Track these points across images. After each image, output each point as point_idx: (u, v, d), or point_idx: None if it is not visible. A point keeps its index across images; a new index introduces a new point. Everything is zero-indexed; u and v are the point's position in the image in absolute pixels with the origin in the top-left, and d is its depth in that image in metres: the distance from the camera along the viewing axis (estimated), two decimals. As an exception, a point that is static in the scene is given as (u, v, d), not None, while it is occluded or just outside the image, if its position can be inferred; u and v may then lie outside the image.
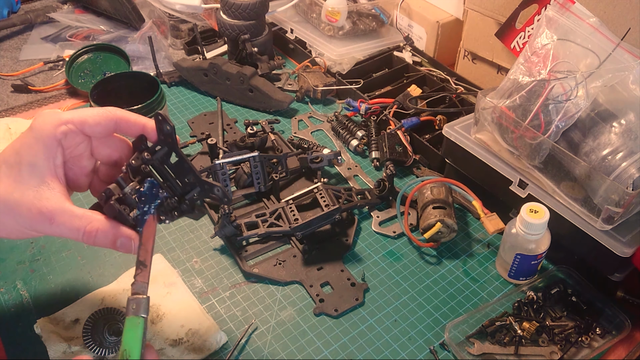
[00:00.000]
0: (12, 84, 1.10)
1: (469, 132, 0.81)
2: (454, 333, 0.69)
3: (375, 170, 0.94)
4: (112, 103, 0.91)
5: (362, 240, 0.82)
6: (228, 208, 0.76)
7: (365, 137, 0.97)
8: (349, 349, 0.69)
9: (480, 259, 0.80)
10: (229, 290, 0.75)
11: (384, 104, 0.99)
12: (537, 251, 0.72)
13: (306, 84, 1.07)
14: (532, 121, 0.70)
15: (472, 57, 1.10)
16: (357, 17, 1.16)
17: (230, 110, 1.07)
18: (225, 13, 1.10)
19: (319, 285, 0.75)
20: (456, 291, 0.76)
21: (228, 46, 1.17)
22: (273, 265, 0.77)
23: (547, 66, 0.71)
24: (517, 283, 0.76)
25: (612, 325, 0.71)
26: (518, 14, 0.94)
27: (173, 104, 1.08)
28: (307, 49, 1.18)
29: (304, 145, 0.94)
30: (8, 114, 1.05)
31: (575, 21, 0.71)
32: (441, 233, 0.79)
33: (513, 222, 0.73)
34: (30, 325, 0.68)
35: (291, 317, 0.72)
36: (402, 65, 1.11)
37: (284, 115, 1.05)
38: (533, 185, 0.74)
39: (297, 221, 0.78)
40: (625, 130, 0.67)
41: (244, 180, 0.85)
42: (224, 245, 0.80)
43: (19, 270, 0.76)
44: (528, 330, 0.68)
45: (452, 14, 1.14)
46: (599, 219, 0.67)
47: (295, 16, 1.22)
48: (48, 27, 1.28)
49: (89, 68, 1.10)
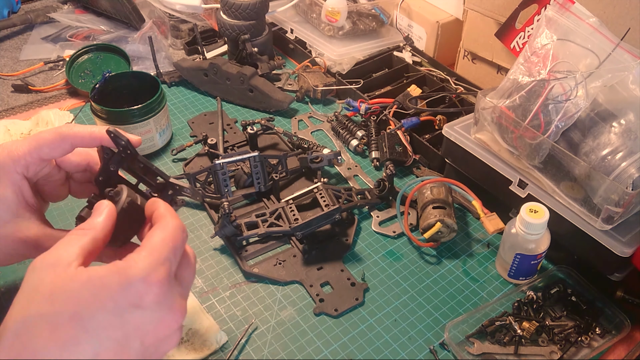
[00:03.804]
0: (13, 84, 1.10)
1: (469, 132, 0.81)
2: (453, 333, 0.69)
3: (375, 170, 0.94)
4: (112, 103, 0.91)
5: (362, 240, 0.82)
6: (228, 208, 0.76)
7: (365, 137, 0.97)
8: (349, 348, 0.69)
9: (480, 258, 0.80)
10: (229, 290, 0.75)
11: (384, 104, 0.99)
12: (536, 251, 0.72)
13: (306, 84, 1.07)
14: (532, 121, 0.70)
15: (472, 57, 1.10)
16: (357, 17, 1.16)
17: (230, 110, 1.07)
18: (225, 13, 1.10)
19: (319, 285, 0.75)
20: (456, 291, 0.76)
21: (228, 46, 1.17)
22: (273, 265, 0.77)
23: (547, 66, 0.71)
24: (517, 283, 0.76)
25: (611, 325, 0.71)
26: (518, 14, 0.94)
27: (173, 104, 1.08)
28: (307, 49, 1.18)
29: (304, 145, 0.94)
30: (8, 114, 1.05)
31: (575, 21, 0.71)
32: (441, 233, 0.79)
33: (513, 222, 0.73)
34: (30, 325, 0.68)
35: (291, 317, 0.72)
36: (402, 65, 1.12)
37: (284, 115, 1.05)
38: (533, 185, 0.74)
39: (297, 221, 0.78)
40: (624, 130, 0.67)
41: (244, 180, 0.85)
42: (224, 245, 0.80)
43: (19, 270, 0.76)
44: (528, 330, 0.68)
45: (452, 14, 1.14)
46: (599, 219, 0.67)
47: (295, 16, 1.22)
48: (48, 27, 1.28)
49: (89, 68, 1.10)
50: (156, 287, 0.45)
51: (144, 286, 0.44)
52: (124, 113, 0.89)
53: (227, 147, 0.96)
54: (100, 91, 0.93)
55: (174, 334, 0.48)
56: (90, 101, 0.92)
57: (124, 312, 0.44)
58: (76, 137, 0.57)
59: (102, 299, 0.43)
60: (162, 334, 0.47)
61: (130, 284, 0.44)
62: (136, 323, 0.44)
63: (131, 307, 0.44)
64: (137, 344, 0.45)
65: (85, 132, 0.57)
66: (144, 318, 0.45)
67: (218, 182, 0.82)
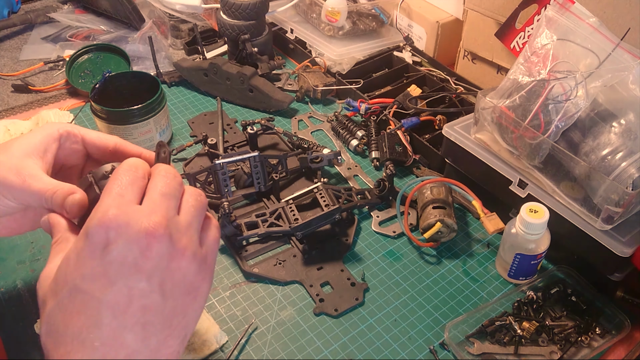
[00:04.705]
0: (13, 84, 1.10)
1: (469, 132, 0.81)
2: (453, 333, 0.69)
3: (375, 170, 0.94)
4: (112, 103, 0.91)
5: (362, 240, 0.82)
6: (228, 208, 0.76)
7: (365, 137, 0.97)
8: (349, 348, 0.69)
9: (480, 258, 0.80)
10: (229, 290, 0.75)
11: (384, 104, 0.99)
12: (536, 251, 0.72)
13: (306, 84, 1.07)
14: (532, 121, 0.70)
15: (472, 57, 1.10)
16: (357, 17, 1.16)
17: (230, 110, 1.07)
18: (225, 13, 1.10)
19: (319, 285, 0.75)
20: (456, 291, 0.76)
21: (228, 46, 1.17)
22: (273, 265, 0.77)
23: (547, 66, 0.71)
24: (517, 283, 0.76)
25: (611, 325, 0.71)
26: (518, 14, 0.94)
27: (173, 104, 1.08)
28: (307, 49, 1.18)
29: (304, 145, 0.94)
30: (8, 114, 1.05)
31: (574, 21, 0.71)
32: (441, 233, 0.79)
33: (513, 222, 0.73)
34: (30, 325, 0.68)
35: (291, 317, 0.72)
36: (402, 65, 1.12)
37: (284, 115, 1.05)
38: (533, 185, 0.74)
39: (297, 221, 0.78)
40: (624, 130, 0.67)
41: (244, 180, 0.85)
42: (224, 245, 0.80)
43: (19, 269, 0.76)
44: (528, 330, 0.68)
45: (452, 14, 1.14)
46: (599, 219, 0.67)
47: (295, 16, 1.22)
48: (48, 27, 1.27)
49: (89, 68, 1.10)
50: (112, 222, 0.43)
51: (101, 230, 0.43)
52: (124, 113, 0.89)
53: (227, 147, 0.96)
54: (100, 91, 0.93)
55: (191, 274, 0.46)
56: (90, 101, 0.92)
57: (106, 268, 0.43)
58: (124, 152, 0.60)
59: (80, 267, 0.43)
60: (177, 277, 0.45)
61: (87, 237, 0.43)
62: (120, 262, 0.43)
63: (105, 255, 0.43)
64: (155, 288, 0.43)
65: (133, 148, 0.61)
66: (127, 257, 0.43)
67: (218, 182, 0.82)
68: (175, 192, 0.48)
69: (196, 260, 0.46)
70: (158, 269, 0.44)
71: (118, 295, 0.42)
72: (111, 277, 0.42)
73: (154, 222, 0.44)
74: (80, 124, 1.02)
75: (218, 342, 0.67)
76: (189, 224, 0.47)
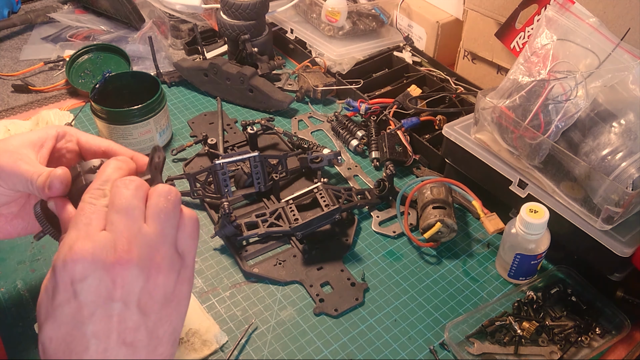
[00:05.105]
0: (13, 84, 1.10)
1: (469, 132, 0.81)
2: (453, 333, 0.69)
3: (375, 170, 0.94)
4: (112, 103, 0.91)
5: (362, 240, 0.82)
6: (228, 208, 0.76)
7: (365, 137, 0.97)
8: (349, 348, 0.69)
9: (480, 258, 0.80)
10: (229, 290, 0.75)
11: (384, 104, 0.99)
12: (536, 251, 0.72)
13: (306, 84, 1.07)
14: (532, 121, 0.70)
15: (472, 57, 1.10)
16: (357, 17, 1.16)
17: (230, 110, 1.07)
18: (225, 13, 1.10)
19: (319, 285, 0.75)
20: (456, 291, 0.76)
21: (228, 46, 1.17)
22: (273, 265, 0.77)
23: (547, 66, 0.71)
24: (517, 283, 0.76)
25: (611, 325, 0.71)
26: (518, 14, 0.94)
27: (173, 104, 1.08)
28: (307, 49, 1.18)
29: (304, 145, 0.94)
30: (8, 114, 1.05)
31: (574, 21, 0.71)
32: (441, 233, 0.79)
33: (513, 222, 0.73)
34: (30, 325, 0.68)
35: (291, 317, 0.72)
36: (402, 65, 1.12)
37: (284, 115, 1.05)
38: (533, 185, 0.74)
39: (297, 221, 0.78)
40: (624, 130, 0.67)
41: (244, 180, 0.85)
42: (224, 245, 0.80)
43: (19, 270, 0.76)
44: (528, 330, 0.68)
45: (452, 14, 1.14)
46: (599, 219, 0.67)
47: (295, 16, 1.22)
48: (48, 27, 1.28)
49: (89, 68, 1.10)
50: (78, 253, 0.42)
51: (67, 267, 0.43)
52: (124, 113, 0.89)
53: (227, 147, 0.96)
54: (100, 91, 0.93)
55: (175, 287, 0.46)
56: (90, 101, 0.92)
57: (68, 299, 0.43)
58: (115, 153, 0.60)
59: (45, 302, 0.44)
60: (157, 293, 0.44)
61: (55, 274, 0.43)
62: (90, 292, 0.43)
63: (72, 289, 0.43)
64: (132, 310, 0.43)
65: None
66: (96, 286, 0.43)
67: (218, 182, 0.82)
68: (133, 202, 0.45)
69: (174, 269, 0.46)
70: (133, 293, 0.43)
71: (98, 324, 0.43)
72: (88, 309, 0.42)
73: (119, 249, 0.43)
74: (80, 124, 1.02)
75: (218, 342, 0.67)
76: (160, 233, 0.45)
